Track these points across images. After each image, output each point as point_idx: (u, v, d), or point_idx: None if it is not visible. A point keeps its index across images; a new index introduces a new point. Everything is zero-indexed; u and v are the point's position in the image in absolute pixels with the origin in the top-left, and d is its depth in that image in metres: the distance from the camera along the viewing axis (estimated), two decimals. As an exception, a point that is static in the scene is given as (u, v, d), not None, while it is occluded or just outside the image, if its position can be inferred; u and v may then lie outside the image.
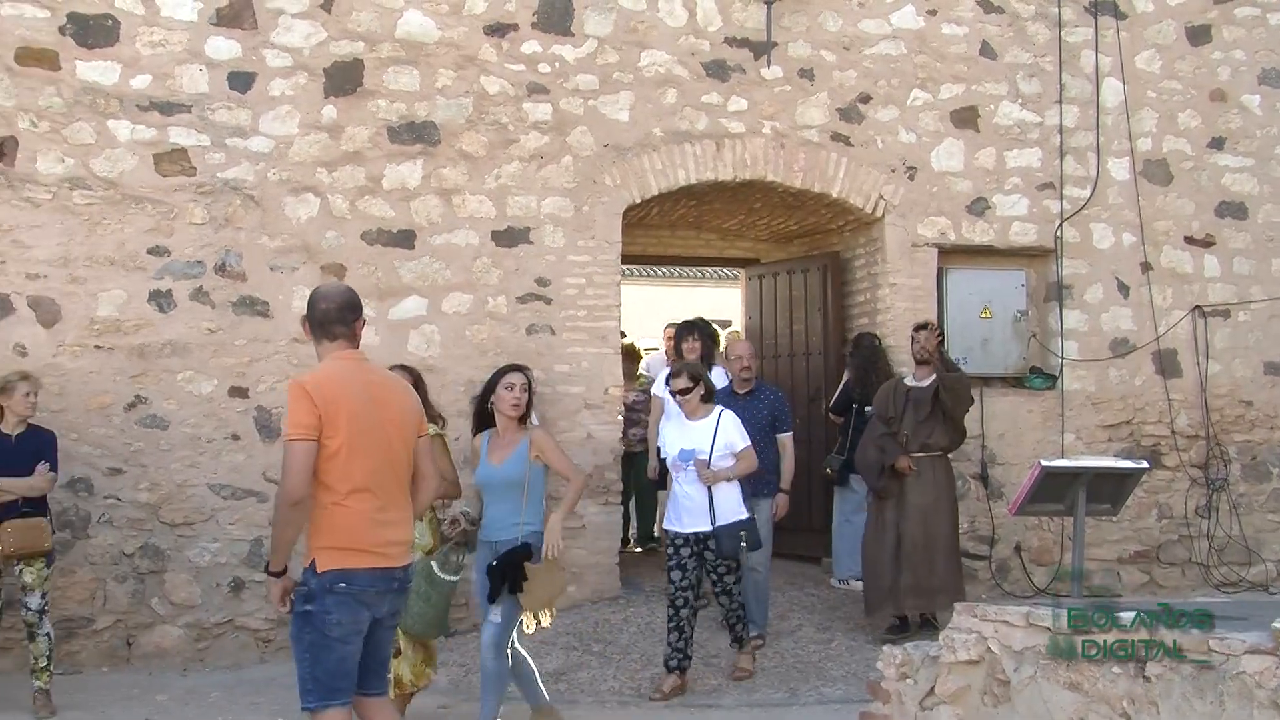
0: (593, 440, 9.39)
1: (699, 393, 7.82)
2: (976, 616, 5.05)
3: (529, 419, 7.05)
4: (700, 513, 7.67)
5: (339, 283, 5.33)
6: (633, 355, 11.35)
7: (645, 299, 19.18)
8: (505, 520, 6.77)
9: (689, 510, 7.73)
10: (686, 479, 7.74)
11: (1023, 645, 4.83)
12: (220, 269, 8.91)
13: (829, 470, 9.77)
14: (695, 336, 9.19)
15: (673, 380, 7.97)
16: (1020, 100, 10.43)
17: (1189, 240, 10.72)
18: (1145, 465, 7.96)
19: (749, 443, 7.89)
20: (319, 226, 9.08)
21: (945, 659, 5.11)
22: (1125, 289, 10.56)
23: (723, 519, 7.64)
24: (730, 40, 9.85)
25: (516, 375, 6.95)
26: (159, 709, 7.67)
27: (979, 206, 10.30)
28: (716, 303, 21.25)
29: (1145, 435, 10.50)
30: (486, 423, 7.04)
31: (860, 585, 9.17)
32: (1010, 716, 4.82)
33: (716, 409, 7.88)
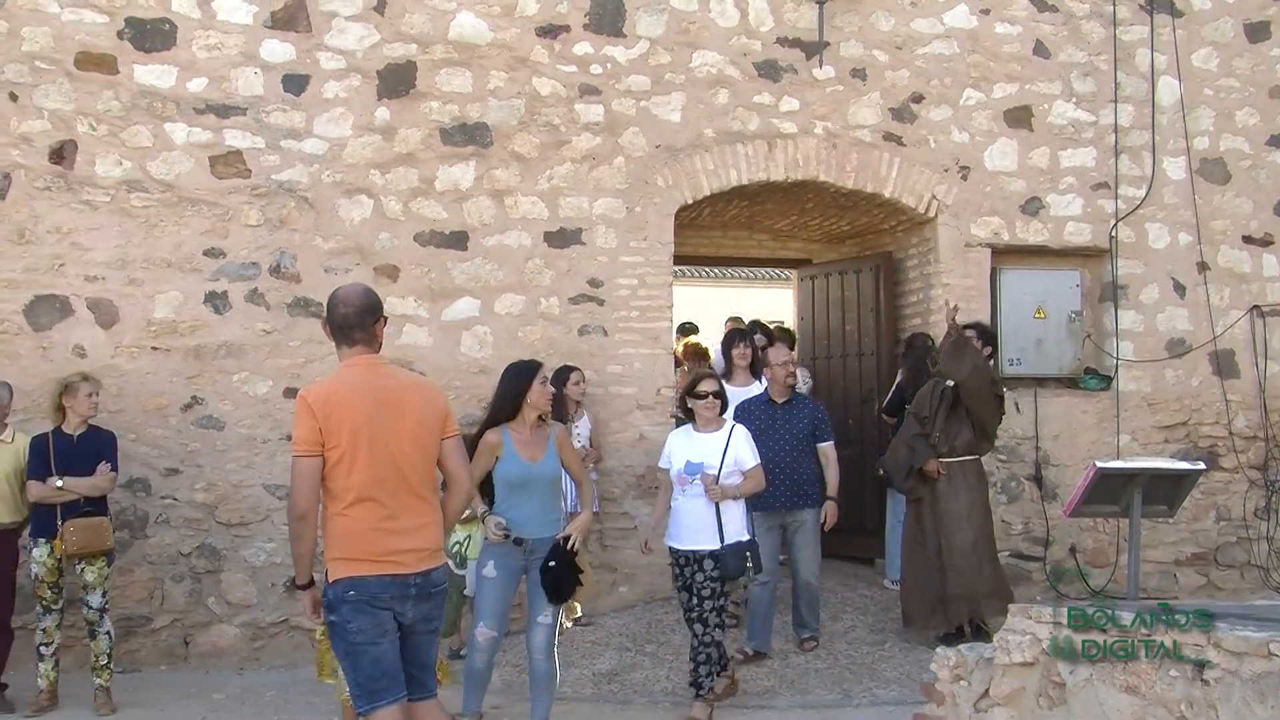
0: (645, 441, 9.40)
1: (719, 404, 7.49)
2: (1031, 618, 5.02)
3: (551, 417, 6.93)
4: (703, 529, 7.22)
5: (359, 284, 5.31)
6: (702, 354, 11.22)
7: (697, 300, 19.14)
8: (541, 517, 6.64)
9: (690, 527, 7.28)
10: (691, 493, 7.29)
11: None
12: (275, 270, 9.00)
13: (881, 472, 9.70)
14: (746, 344, 9.14)
15: (702, 384, 7.54)
16: (1074, 99, 10.35)
17: (1247, 239, 10.61)
18: (1202, 466, 7.89)
19: (759, 461, 7.48)
20: (372, 228, 9.15)
21: (1000, 661, 5.07)
22: (1181, 289, 10.45)
23: (729, 538, 7.20)
24: (782, 40, 9.84)
25: (543, 370, 6.83)
26: (216, 707, 7.77)
27: (1033, 206, 10.23)
28: (769, 303, 21.24)
29: (1202, 436, 10.40)
30: (498, 420, 6.74)
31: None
32: (1066, 719, 4.78)
33: (729, 423, 7.54)
